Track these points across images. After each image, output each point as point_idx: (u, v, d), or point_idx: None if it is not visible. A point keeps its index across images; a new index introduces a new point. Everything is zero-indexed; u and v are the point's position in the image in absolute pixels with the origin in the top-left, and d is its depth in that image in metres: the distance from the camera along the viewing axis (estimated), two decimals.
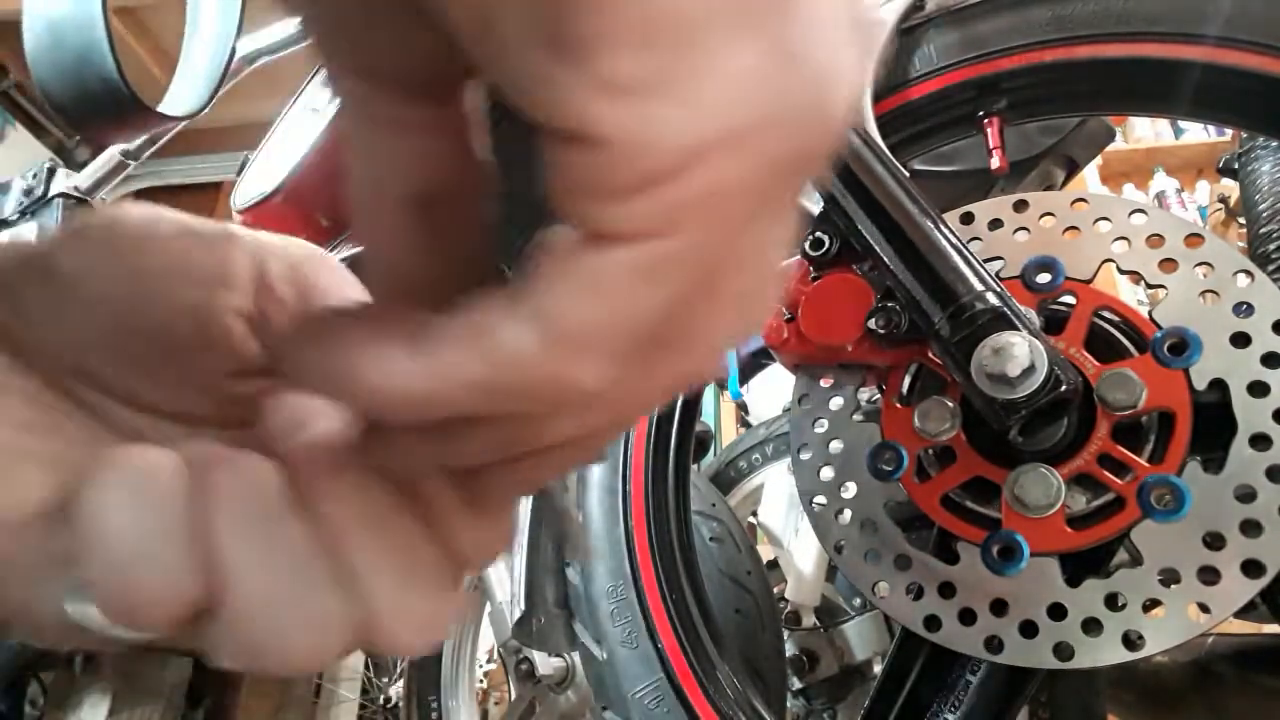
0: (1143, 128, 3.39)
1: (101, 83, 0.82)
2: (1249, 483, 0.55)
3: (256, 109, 1.82)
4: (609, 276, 0.15)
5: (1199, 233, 0.61)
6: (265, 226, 0.85)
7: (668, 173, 0.14)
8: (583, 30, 0.14)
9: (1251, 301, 0.58)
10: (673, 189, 0.15)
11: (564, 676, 1.39)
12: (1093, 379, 0.59)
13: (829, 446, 0.68)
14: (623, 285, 0.15)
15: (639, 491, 0.77)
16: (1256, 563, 0.53)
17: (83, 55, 0.81)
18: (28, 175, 1.33)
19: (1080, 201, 0.65)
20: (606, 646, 0.73)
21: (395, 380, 0.16)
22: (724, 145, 0.15)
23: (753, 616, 0.97)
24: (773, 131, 0.15)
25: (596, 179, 0.15)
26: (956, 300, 0.57)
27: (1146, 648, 0.55)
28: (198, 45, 0.99)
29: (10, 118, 3.45)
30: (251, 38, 1.19)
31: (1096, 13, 0.69)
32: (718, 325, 0.18)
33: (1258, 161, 1.07)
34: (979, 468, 0.61)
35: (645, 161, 0.14)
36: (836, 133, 0.16)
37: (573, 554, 1.07)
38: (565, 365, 0.16)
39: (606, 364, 0.16)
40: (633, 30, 0.14)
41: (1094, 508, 0.58)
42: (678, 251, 0.15)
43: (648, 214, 0.15)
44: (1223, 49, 0.63)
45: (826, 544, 0.67)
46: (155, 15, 3.41)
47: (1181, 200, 3.11)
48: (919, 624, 0.61)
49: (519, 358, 0.16)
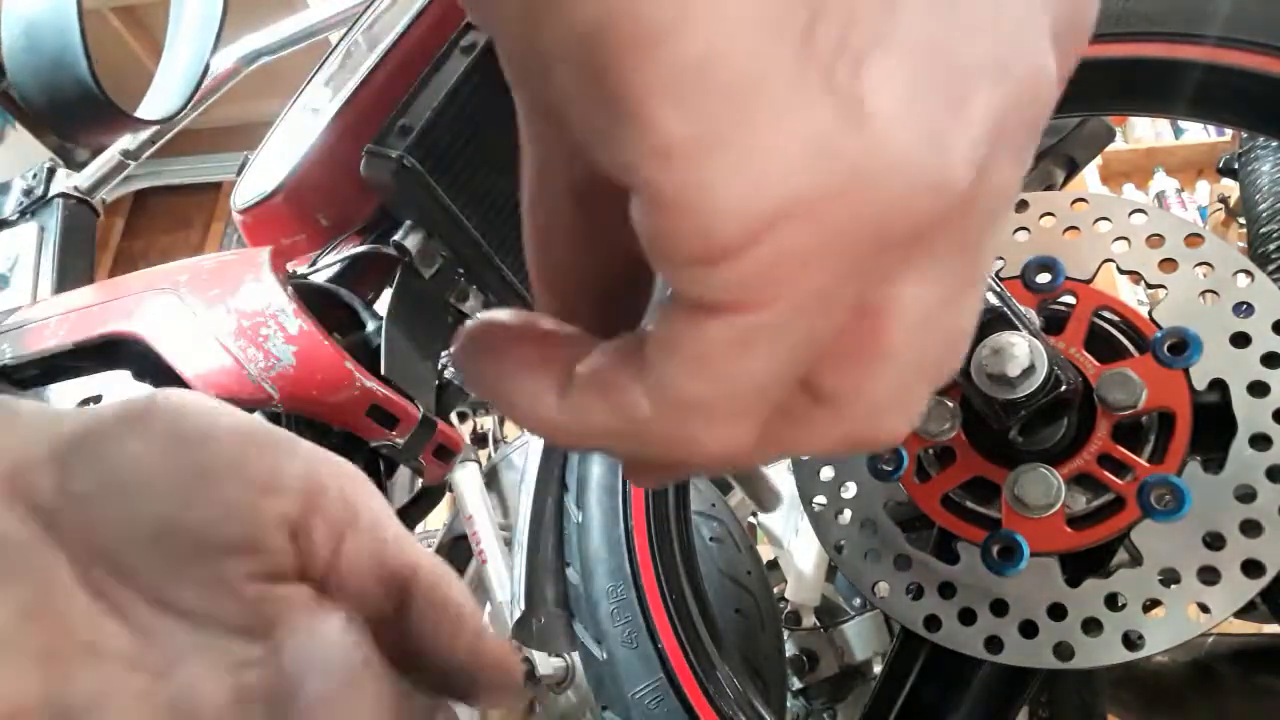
0: (1143, 128, 3.39)
1: (76, 86, 0.82)
2: (1249, 483, 0.55)
3: (256, 109, 1.82)
4: (710, 350, 0.15)
5: (1199, 233, 0.61)
6: (265, 226, 0.85)
7: (737, 242, 0.14)
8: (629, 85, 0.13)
9: (1251, 301, 0.58)
10: (747, 260, 0.14)
11: (564, 676, 1.39)
12: (1093, 379, 0.59)
13: None
14: (724, 358, 0.15)
15: (639, 491, 0.77)
16: (1256, 563, 0.53)
17: (58, 58, 0.82)
18: (28, 175, 1.33)
19: (1080, 201, 0.65)
20: (606, 646, 0.73)
21: (542, 415, 0.18)
22: (793, 215, 0.14)
23: (753, 616, 0.97)
24: (853, 199, 0.14)
25: (669, 245, 0.14)
26: None
27: (1146, 648, 0.55)
28: (176, 50, 0.99)
29: (10, 118, 3.44)
30: (251, 38, 1.20)
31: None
32: (893, 389, 0.17)
33: (1258, 161, 1.08)
34: (979, 468, 0.61)
35: (710, 229, 0.14)
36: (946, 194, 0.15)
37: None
38: (681, 429, 0.17)
39: (723, 429, 0.17)
40: (680, 86, 0.13)
41: (1094, 508, 0.58)
42: (771, 323, 0.15)
43: (728, 285, 0.14)
44: (1223, 49, 0.63)
45: (826, 544, 0.67)
46: (154, 14, 3.41)
47: (1181, 200, 3.11)
48: (919, 624, 0.61)
49: (641, 421, 0.17)
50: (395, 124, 0.84)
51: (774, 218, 0.14)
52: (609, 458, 0.18)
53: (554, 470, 0.81)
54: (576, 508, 0.79)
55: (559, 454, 0.82)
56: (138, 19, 3.47)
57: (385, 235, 0.91)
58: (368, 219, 0.94)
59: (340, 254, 0.94)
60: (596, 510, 0.78)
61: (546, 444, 0.18)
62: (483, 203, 0.88)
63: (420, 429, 0.84)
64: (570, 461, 0.81)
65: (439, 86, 0.85)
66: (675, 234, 0.14)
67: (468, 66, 0.85)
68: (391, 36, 0.90)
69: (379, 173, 0.84)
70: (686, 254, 0.14)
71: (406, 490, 1.01)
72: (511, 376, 0.18)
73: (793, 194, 0.14)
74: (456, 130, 0.85)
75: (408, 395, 0.83)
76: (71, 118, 0.85)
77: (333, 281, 0.92)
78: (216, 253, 0.92)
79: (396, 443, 0.83)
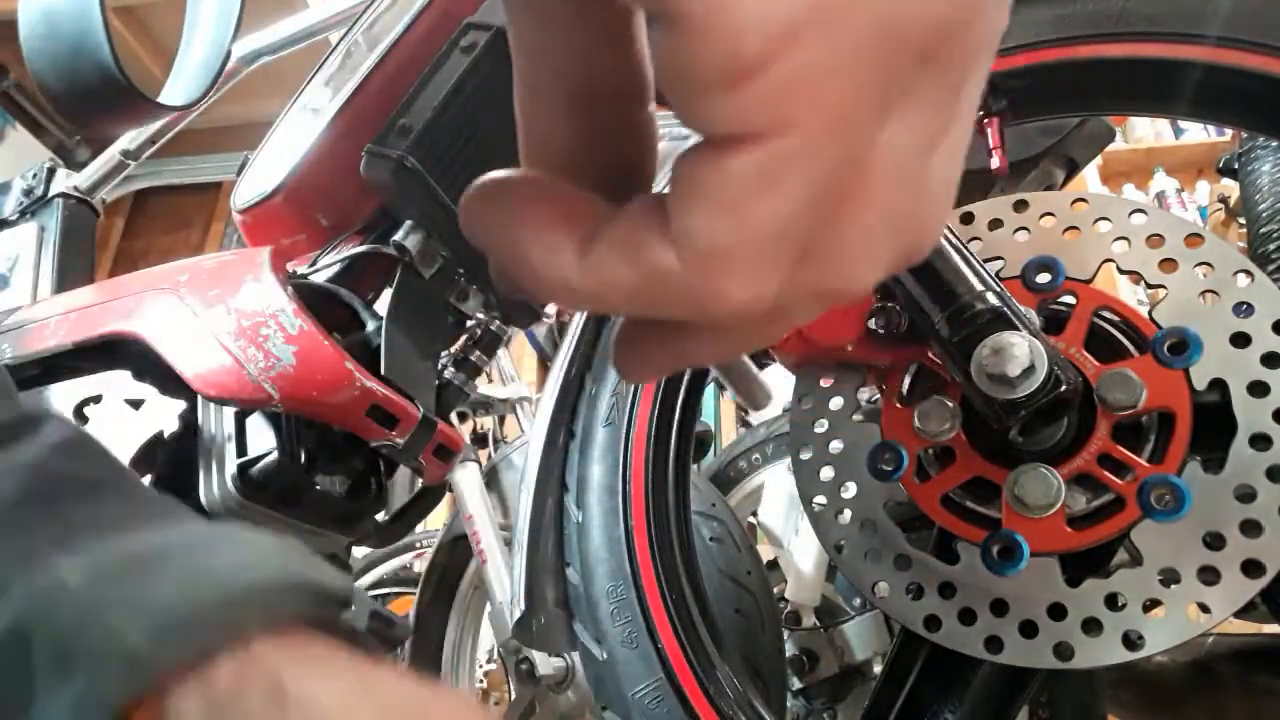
0: (1143, 128, 3.39)
1: (98, 72, 0.81)
2: (1249, 483, 0.55)
3: (256, 109, 1.82)
4: (734, 190, 0.15)
5: (1199, 233, 0.61)
6: (265, 226, 0.84)
7: (759, 57, 0.14)
8: None
9: (1251, 301, 0.58)
10: (770, 76, 0.14)
11: (564, 676, 1.39)
12: (1093, 379, 0.59)
13: (829, 446, 0.68)
14: (749, 197, 0.15)
15: (639, 491, 0.77)
16: (1256, 563, 0.53)
17: (78, 44, 0.81)
18: (28, 175, 1.33)
19: (1080, 201, 0.65)
20: (606, 646, 0.73)
21: (559, 275, 0.17)
22: (812, 23, 0.14)
23: (753, 616, 0.97)
24: (876, 10, 0.14)
25: (690, 67, 0.14)
26: (956, 300, 0.57)
27: (1146, 648, 0.55)
28: (196, 36, 0.99)
29: (10, 118, 3.44)
30: (251, 38, 1.20)
31: (1096, 13, 0.69)
32: (864, 239, 0.17)
33: (1258, 161, 1.08)
34: (979, 468, 0.61)
35: (733, 44, 0.14)
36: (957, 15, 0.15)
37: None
38: (706, 280, 0.16)
39: (749, 276, 0.16)
40: None
41: (1094, 508, 0.58)
42: (794, 150, 0.15)
43: (750, 107, 0.15)
44: (1223, 49, 0.63)
45: (826, 544, 0.67)
46: (155, 14, 3.41)
47: (1181, 200, 3.11)
48: (919, 624, 0.61)
49: (667, 275, 0.16)
50: (395, 124, 0.84)
51: (793, 27, 0.14)
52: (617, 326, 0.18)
53: (554, 470, 0.81)
54: (576, 508, 0.79)
55: (559, 454, 0.82)
56: (138, 19, 3.47)
57: (385, 235, 0.91)
58: (368, 219, 0.94)
59: (340, 254, 0.94)
60: (596, 510, 0.78)
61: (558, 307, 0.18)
62: None
63: (420, 429, 0.84)
64: (570, 461, 0.81)
65: (439, 86, 0.85)
66: (701, 54, 0.14)
67: (468, 66, 0.85)
68: (391, 36, 0.90)
69: (379, 173, 0.84)
70: (713, 75, 0.14)
71: (406, 490, 1.01)
72: (527, 231, 0.18)
73: (814, 3, 0.14)
74: (456, 130, 0.85)
75: (408, 395, 0.83)
76: (92, 104, 0.84)
77: (333, 281, 0.92)
78: (216, 253, 0.92)
79: (396, 443, 0.83)
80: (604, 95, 0.20)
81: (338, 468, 0.89)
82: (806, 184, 0.16)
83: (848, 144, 0.16)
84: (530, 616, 0.75)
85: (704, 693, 0.69)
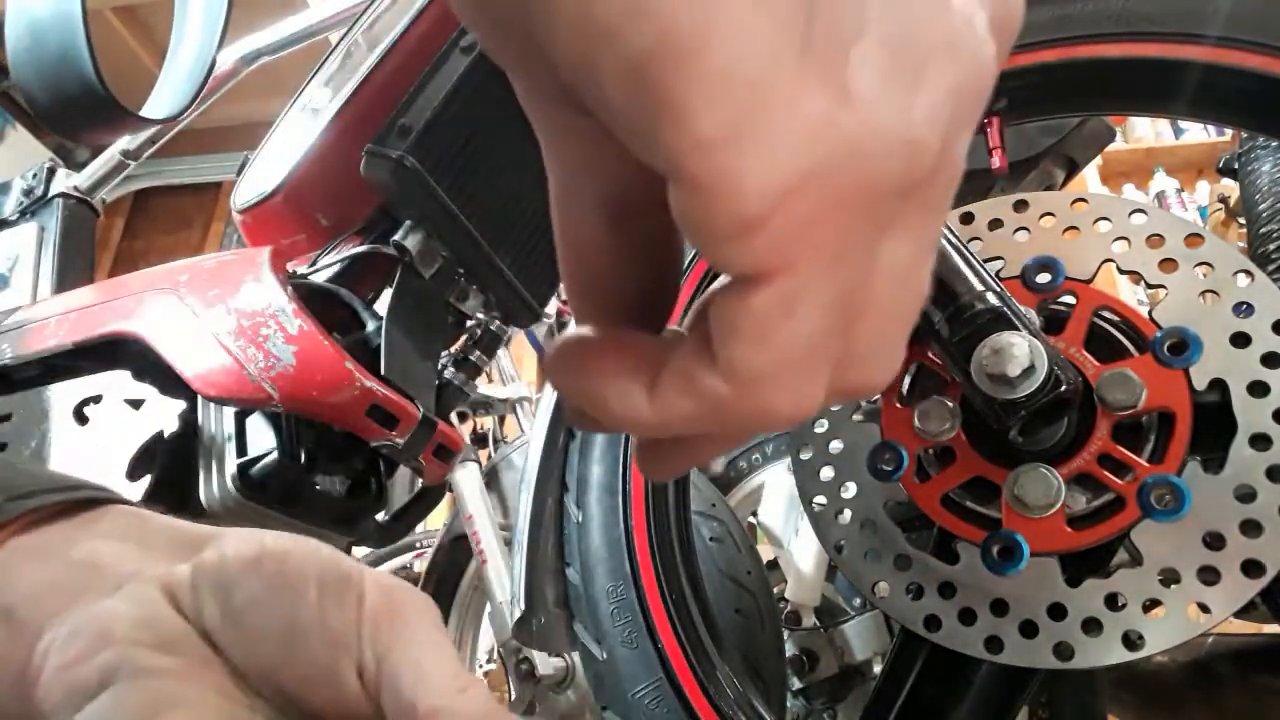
0: (1143, 128, 3.39)
1: (80, 85, 0.82)
2: (1249, 483, 0.55)
3: (256, 109, 1.82)
4: (760, 322, 0.18)
5: (1199, 233, 0.61)
6: (265, 226, 0.84)
7: (760, 216, 0.17)
8: (672, 92, 0.16)
9: (1251, 301, 0.58)
10: (771, 229, 0.17)
11: (564, 676, 1.40)
12: (1093, 379, 0.59)
13: (829, 446, 0.68)
14: (774, 326, 0.18)
15: (639, 491, 0.77)
16: (1256, 563, 0.53)
17: (62, 57, 0.81)
18: (28, 175, 1.33)
19: (1080, 201, 0.65)
20: (606, 646, 0.73)
21: (633, 414, 0.21)
22: (804, 185, 0.17)
23: (753, 616, 0.97)
24: (849, 165, 0.17)
25: (704, 221, 0.17)
26: (956, 300, 0.57)
27: (1146, 648, 0.55)
28: (181, 49, 0.99)
29: (10, 118, 3.45)
30: (251, 38, 1.20)
31: (1096, 13, 0.69)
32: (880, 342, 0.21)
33: (1258, 161, 1.08)
34: (979, 468, 0.61)
35: (738, 206, 0.17)
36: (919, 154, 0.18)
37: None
38: (755, 400, 0.19)
39: (790, 392, 0.19)
40: (711, 91, 0.16)
41: (1094, 508, 0.58)
42: (802, 284, 0.18)
43: (758, 253, 0.17)
44: (1223, 49, 0.63)
45: (826, 544, 0.67)
46: (155, 14, 3.42)
47: (1181, 200, 3.11)
48: (919, 624, 0.61)
49: (722, 402, 0.20)
50: (395, 124, 0.84)
51: (788, 189, 0.17)
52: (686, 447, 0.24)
53: (554, 470, 0.81)
54: (576, 508, 0.79)
55: (559, 454, 0.82)
56: (138, 19, 3.47)
57: (385, 235, 0.91)
58: (368, 219, 0.94)
59: (340, 254, 0.94)
60: (596, 510, 0.78)
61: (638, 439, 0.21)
62: (483, 203, 0.88)
63: (420, 429, 0.84)
64: (570, 461, 0.81)
65: (439, 86, 0.85)
66: (713, 213, 0.17)
67: (468, 66, 0.85)
68: (391, 36, 0.90)
69: (379, 173, 0.84)
70: (724, 229, 0.17)
71: (406, 490, 1.01)
72: (604, 382, 0.21)
73: (801, 168, 0.17)
74: (456, 130, 0.85)
75: (408, 395, 0.83)
76: (75, 117, 0.85)
77: (333, 281, 0.92)
78: (216, 253, 0.92)
79: (396, 443, 0.83)
80: (635, 202, 0.22)
81: (338, 468, 0.89)
82: (819, 309, 0.19)
83: (846, 272, 0.19)
84: (530, 616, 0.75)
85: (704, 693, 0.70)
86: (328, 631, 0.25)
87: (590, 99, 0.18)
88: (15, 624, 0.25)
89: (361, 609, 0.26)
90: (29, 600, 0.26)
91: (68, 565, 0.27)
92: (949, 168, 0.20)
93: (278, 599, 0.25)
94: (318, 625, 0.25)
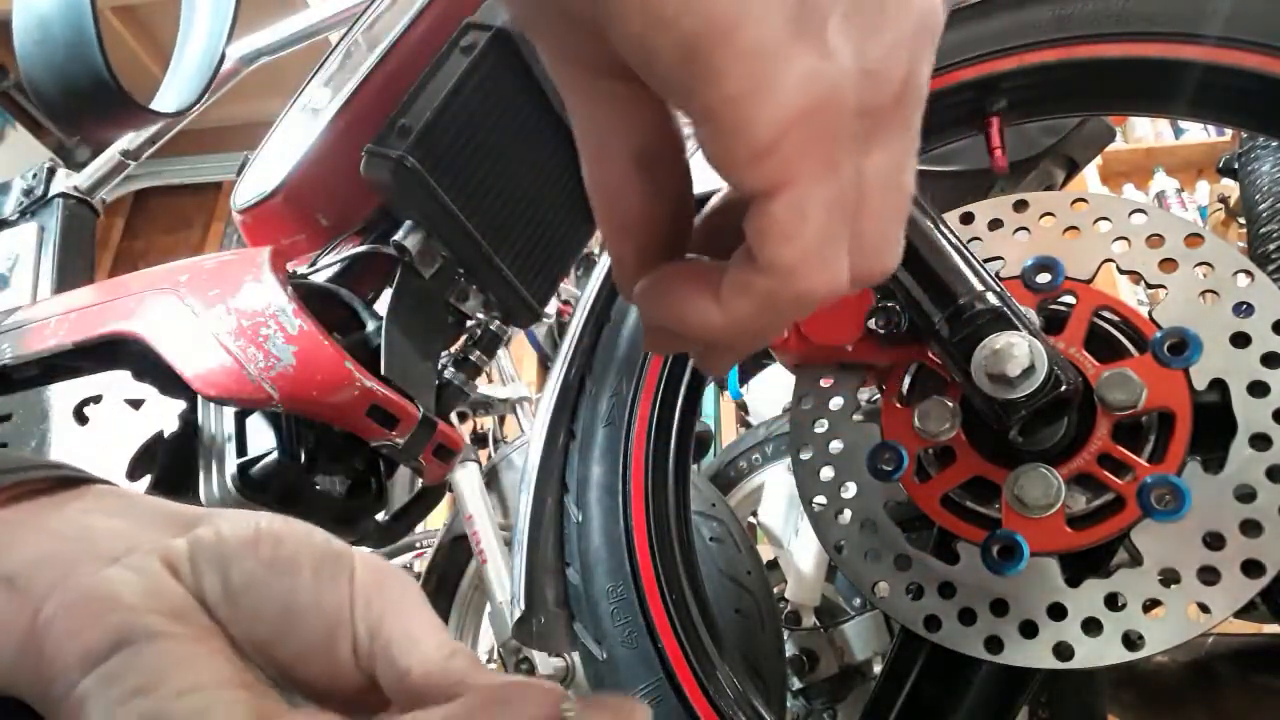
0: (1143, 128, 3.39)
1: (90, 78, 0.81)
2: (1249, 483, 0.55)
3: (256, 109, 1.82)
4: (782, 223, 0.24)
5: (1199, 233, 0.61)
6: (265, 226, 0.84)
7: (770, 143, 0.23)
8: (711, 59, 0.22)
9: (1251, 301, 0.58)
10: (778, 151, 0.23)
11: (564, 676, 1.40)
12: (1093, 379, 0.59)
13: (829, 446, 0.68)
14: (793, 225, 0.24)
15: (639, 491, 0.77)
16: (1256, 563, 0.53)
17: (71, 51, 0.81)
18: (28, 175, 1.33)
19: (1080, 201, 0.65)
20: (606, 646, 0.73)
21: (709, 320, 0.27)
22: (800, 119, 0.22)
23: (753, 616, 0.97)
24: (831, 100, 0.23)
25: (727, 152, 0.23)
26: (956, 300, 0.57)
27: (1146, 648, 0.55)
28: (190, 43, 0.99)
29: (10, 118, 3.45)
30: (251, 38, 1.20)
31: (1096, 13, 0.69)
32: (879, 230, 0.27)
33: (1258, 161, 1.08)
34: (979, 468, 0.61)
35: (754, 139, 0.23)
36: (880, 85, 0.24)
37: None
38: (797, 286, 0.25)
39: (821, 274, 0.25)
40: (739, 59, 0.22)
41: (1094, 508, 0.58)
42: (808, 190, 0.24)
43: (771, 172, 0.23)
44: (1223, 49, 0.63)
45: (826, 544, 0.67)
46: (154, 14, 3.41)
47: (1181, 200, 3.11)
48: (919, 624, 0.61)
49: (775, 296, 0.25)
50: (395, 124, 0.84)
51: (789, 123, 0.22)
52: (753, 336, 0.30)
53: (554, 470, 0.81)
54: (576, 508, 0.79)
55: (559, 454, 0.82)
56: (138, 19, 3.47)
57: (385, 235, 0.91)
58: (368, 219, 0.94)
59: (340, 254, 0.94)
60: (596, 510, 0.78)
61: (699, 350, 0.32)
62: (483, 203, 0.88)
63: (420, 429, 0.84)
64: (570, 461, 0.81)
65: (439, 86, 0.85)
66: (734, 146, 0.23)
67: (468, 66, 0.85)
68: (391, 36, 0.90)
69: (379, 173, 0.84)
70: (744, 158, 0.23)
71: (406, 490, 1.01)
72: (684, 302, 0.27)
73: (797, 106, 0.22)
74: (456, 130, 0.85)
75: (408, 395, 0.84)
76: (85, 111, 0.84)
77: (333, 281, 0.93)
78: (216, 253, 0.92)
79: (396, 443, 0.83)
80: (659, 151, 0.28)
81: (338, 468, 0.89)
82: (824, 208, 0.24)
83: (840, 179, 0.24)
84: (530, 616, 0.75)
85: (704, 693, 0.69)
86: (323, 610, 0.27)
87: (641, 65, 0.23)
88: (17, 591, 0.26)
89: (353, 586, 0.28)
90: (29, 567, 0.26)
91: (61, 537, 0.27)
92: (913, 93, 0.25)
93: (275, 580, 0.27)
94: (314, 605, 0.27)
